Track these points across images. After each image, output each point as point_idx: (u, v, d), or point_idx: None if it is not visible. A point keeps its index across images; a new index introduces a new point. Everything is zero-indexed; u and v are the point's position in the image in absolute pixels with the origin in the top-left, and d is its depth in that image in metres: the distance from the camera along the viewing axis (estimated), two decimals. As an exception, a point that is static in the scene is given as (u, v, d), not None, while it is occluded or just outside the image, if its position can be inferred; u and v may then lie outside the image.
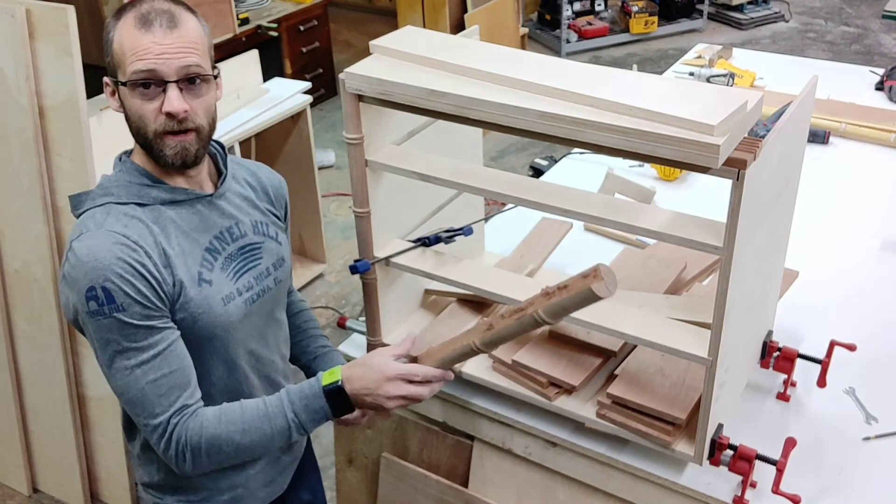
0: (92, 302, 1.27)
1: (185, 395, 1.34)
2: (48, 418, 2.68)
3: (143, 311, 1.29)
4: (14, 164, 2.41)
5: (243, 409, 1.37)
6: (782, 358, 1.69)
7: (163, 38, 1.29)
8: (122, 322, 1.28)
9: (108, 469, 2.72)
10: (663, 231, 1.37)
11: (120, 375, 1.31)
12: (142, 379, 1.31)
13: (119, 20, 1.31)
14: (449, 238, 1.75)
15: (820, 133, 2.64)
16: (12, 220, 2.49)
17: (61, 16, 2.24)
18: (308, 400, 1.37)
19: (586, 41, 6.26)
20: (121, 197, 1.35)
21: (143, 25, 1.28)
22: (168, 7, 1.32)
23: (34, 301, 2.53)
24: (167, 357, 1.32)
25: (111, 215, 1.32)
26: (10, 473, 2.84)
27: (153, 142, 1.33)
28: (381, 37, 1.60)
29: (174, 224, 1.37)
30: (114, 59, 1.32)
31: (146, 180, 1.37)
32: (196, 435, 1.33)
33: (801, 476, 1.53)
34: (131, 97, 1.31)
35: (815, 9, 6.84)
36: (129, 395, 1.32)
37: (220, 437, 1.34)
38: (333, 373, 1.40)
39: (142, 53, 1.28)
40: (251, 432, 1.35)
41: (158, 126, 1.31)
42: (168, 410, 1.32)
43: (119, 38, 1.30)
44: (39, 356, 2.60)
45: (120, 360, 1.30)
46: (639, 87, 1.36)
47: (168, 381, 1.32)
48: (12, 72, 2.31)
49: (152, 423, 1.33)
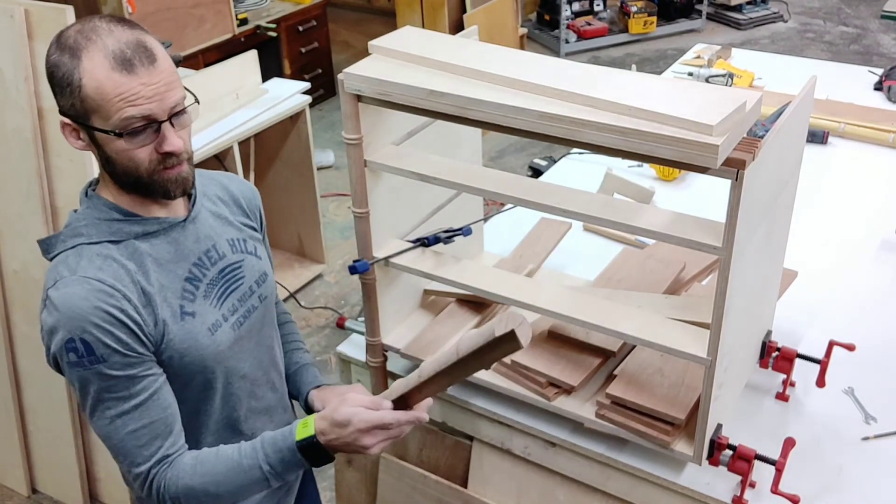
0: (71, 353, 1.23)
1: (166, 445, 1.31)
2: (47, 419, 2.68)
3: (124, 360, 1.25)
4: (13, 165, 2.41)
5: (217, 459, 1.33)
6: (781, 358, 1.69)
7: (149, 78, 1.20)
8: (103, 374, 1.25)
9: (107, 469, 2.72)
10: (662, 231, 1.37)
11: (101, 423, 1.29)
12: (122, 429, 1.28)
13: (80, 59, 1.19)
14: (448, 238, 1.75)
15: (819, 133, 2.64)
16: (11, 221, 2.49)
17: (60, 16, 2.24)
18: (283, 453, 1.32)
19: (585, 41, 6.26)
20: (91, 236, 1.29)
21: (123, 66, 1.19)
22: (135, 37, 1.22)
23: (33, 302, 2.53)
24: (148, 407, 1.29)
25: (84, 258, 1.27)
26: (9, 474, 2.84)
27: (149, 181, 1.27)
28: (380, 37, 1.60)
29: (150, 258, 1.31)
30: (85, 104, 1.21)
31: (116, 214, 1.31)
32: (173, 485, 1.31)
33: (800, 476, 1.53)
34: (121, 144, 1.23)
35: (813, 9, 6.85)
36: (110, 444, 1.30)
37: (196, 489, 1.31)
38: (307, 424, 1.33)
39: (133, 99, 1.20)
40: (225, 484, 1.32)
41: (152, 165, 1.26)
42: (149, 461, 1.30)
43: (94, 83, 1.19)
44: (38, 357, 2.59)
45: (101, 410, 1.27)
46: (638, 88, 1.36)
47: (149, 431, 1.29)
48: (11, 72, 2.31)
49: (134, 471, 1.31)
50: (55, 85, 1.23)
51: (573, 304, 1.56)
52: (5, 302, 2.59)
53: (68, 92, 1.21)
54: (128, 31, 1.22)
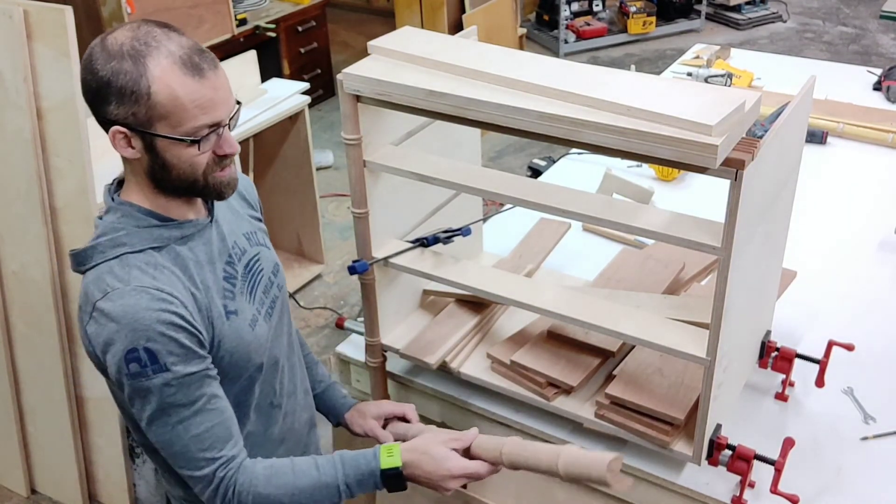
0: (133, 364, 1.22)
1: (227, 447, 1.31)
2: (46, 419, 2.68)
3: (186, 368, 1.24)
4: (12, 166, 2.41)
5: (295, 473, 1.34)
6: (780, 358, 1.70)
7: (216, 82, 1.21)
8: (166, 382, 1.23)
9: (107, 470, 2.72)
10: (661, 231, 1.37)
11: (161, 431, 1.27)
12: (184, 435, 1.27)
13: (146, 66, 1.17)
14: (447, 238, 1.75)
15: (818, 133, 2.64)
16: (10, 222, 2.49)
17: (59, 17, 2.24)
18: (363, 476, 1.35)
19: (584, 41, 6.26)
20: (134, 245, 1.27)
21: (194, 72, 1.18)
22: (192, 42, 1.22)
23: (32, 303, 2.53)
24: (210, 411, 1.28)
25: (133, 267, 1.25)
26: (9, 474, 2.83)
27: (205, 184, 1.27)
28: (379, 37, 1.60)
29: (192, 261, 1.31)
30: (154, 111, 1.18)
31: (154, 221, 1.29)
32: (245, 492, 1.31)
33: (799, 476, 1.53)
34: (184, 149, 1.22)
35: (812, 9, 6.85)
36: (170, 450, 1.29)
37: (270, 498, 1.32)
38: (392, 453, 1.36)
39: (206, 105, 1.20)
40: (300, 496, 1.33)
41: (209, 168, 1.26)
42: (212, 464, 1.29)
43: (167, 89, 1.17)
44: (37, 357, 2.59)
45: (162, 418, 1.26)
46: (637, 88, 1.36)
47: (211, 434, 1.29)
48: (10, 73, 2.31)
49: (196, 475, 1.30)
50: (112, 94, 1.19)
51: (572, 305, 1.56)
52: (4, 303, 2.59)
53: (132, 100, 1.18)
54: (182, 35, 1.22)
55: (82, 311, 1.27)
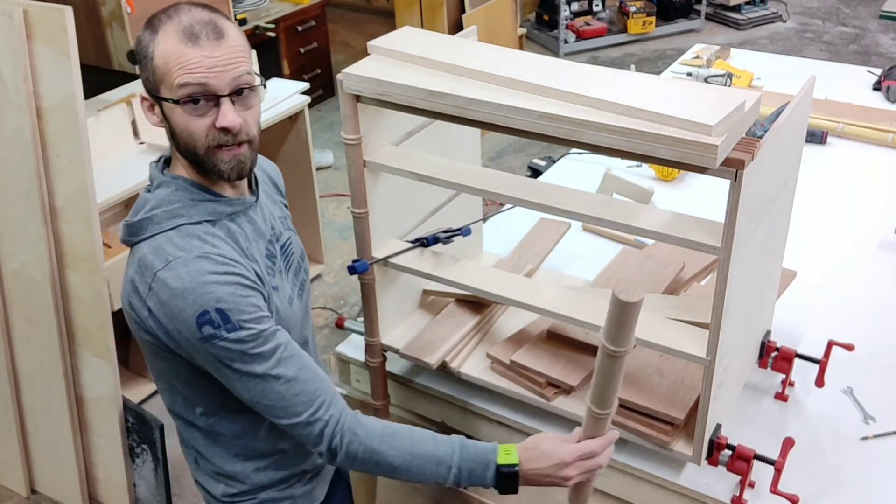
0: (206, 327, 1.23)
1: (321, 390, 1.32)
2: (46, 419, 2.68)
3: (258, 325, 1.27)
4: (12, 165, 2.41)
5: (412, 440, 1.36)
6: (780, 358, 1.70)
7: (212, 51, 1.24)
8: (241, 338, 1.25)
9: (107, 470, 2.72)
10: (661, 231, 1.37)
11: (252, 385, 1.29)
12: (275, 383, 1.28)
13: (157, 34, 1.25)
14: (447, 238, 1.75)
15: (818, 133, 2.64)
16: (10, 221, 2.49)
17: (59, 17, 2.24)
18: (477, 466, 1.35)
19: (584, 41, 6.26)
20: (192, 217, 1.30)
21: (189, 39, 1.24)
22: (209, 17, 1.27)
23: (32, 302, 2.53)
24: (292, 358, 1.30)
25: (193, 237, 1.28)
26: (8, 474, 2.83)
27: (205, 157, 1.29)
28: (379, 37, 1.60)
29: (241, 236, 1.35)
30: (155, 75, 1.26)
31: (208, 196, 1.33)
32: (357, 442, 1.32)
33: (799, 476, 1.53)
34: (180, 113, 1.26)
35: (812, 9, 6.85)
36: (266, 402, 1.30)
37: (380, 454, 1.33)
38: (510, 452, 1.36)
39: (191, 67, 1.23)
40: (411, 464, 1.34)
41: (210, 141, 1.28)
42: (311, 407, 1.30)
43: (163, 53, 1.25)
44: (37, 357, 2.59)
45: (247, 373, 1.27)
46: (637, 88, 1.36)
47: (301, 379, 1.30)
48: (10, 73, 2.31)
49: (297, 421, 1.31)
50: (137, 60, 1.29)
51: (572, 305, 1.56)
52: (4, 302, 2.59)
53: (144, 64, 1.27)
54: (206, 12, 1.28)
55: (137, 282, 1.28)
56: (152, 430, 2.56)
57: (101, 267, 2.45)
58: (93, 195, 2.39)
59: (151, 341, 1.32)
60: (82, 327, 2.54)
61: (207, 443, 1.46)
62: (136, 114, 3.19)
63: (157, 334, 1.29)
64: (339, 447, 1.32)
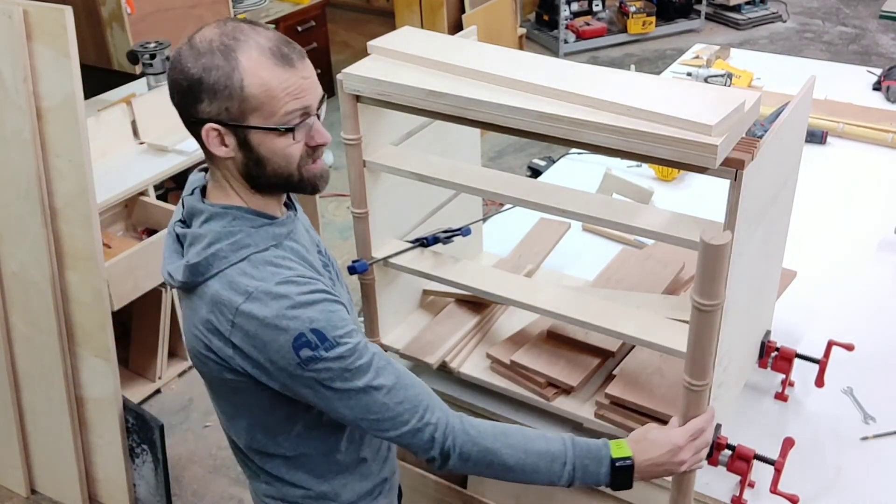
0: (304, 350, 1.19)
1: (424, 395, 1.29)
2: (46, 419, 2.68)
3: (351, 336, 1.23)
4: (12, 166, 2.41)
5: (526, 438, 1.33)
6: (780, 358, 1.70)
7: (304, 71, 1.20)
8: (340, 355, 1.21)
9: (106, 470, 2.72)
10: (661, 231, 1.37)
11: (354, 402, 1.24)
12: (377, 395, 1.24)
13: (238, 60, 1.16)
14: (447, 238, 1.75)
15: (817, 133, 2.64)
16: (10, 222, 2.49)
17: (59, 17, 2.24)
18: (591, 462, 1.32)
19: (584, 41, 6.26)
20: (258, 245, 1.24)
21: (283, 62, 1.18)
22: (278, 34, 1.22)
23: (32, 303, 2.53)
24: (387, 366, 1.27)
25: (266, 264, 1.23)
26: (8, 475, 2.83)
27: (299, 177, 1.25)
28: (378, 37, 1.60)
29: (305, 252, 1.31)
30: (246, 104, 1.18)
31: (264, 220, 1.27)
32: (470, 442, 1.29)
33: (799, 476, 1.53)
34: (277, 139, 1.20)
35: (812, 9, 6.85)
36: (371, 416, 1.26)
37: (494, 454, 1.30)
38: (621, 446, 1.33)
39: (296, 91, 1.19)
40: (526, 464, 1.31)
41: (302, 160, 1.24)
42: (416, 414, 1.27)
43: (258, 80, 1.17)
44: (37, 358, 2.59)
45: (348, 390, 1.23)
46: (636, 88, 1.36)
47: (401, 386, 1.26)
48: (10, 73, 2.31)
49: (405, 430, 1.27)
50: (204, 91, 1.18)
51: (572, 305, 1.56)
52: (4, 303, 2.59)
53: (225, 95, 1.17)
54: (268, 29, 1.23)
55: (216, 322, 1.22)
56: (152, 430, 2.56)
57: (100, 267, 2.45)
58: (93, 195, 2.39)
59: (236, 379, 1.26)
60: (82, 328, 2.54)
61: (292, 469, 1.40)
62: (136, 114, 3.19)
63: (245, 370, 1.24)
64: (453, 449, 1.29)
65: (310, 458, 1.39)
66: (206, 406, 3.16)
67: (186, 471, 2.91)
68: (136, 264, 2.80)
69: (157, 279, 2.92)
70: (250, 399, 1.31)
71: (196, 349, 1.28)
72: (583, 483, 1.34)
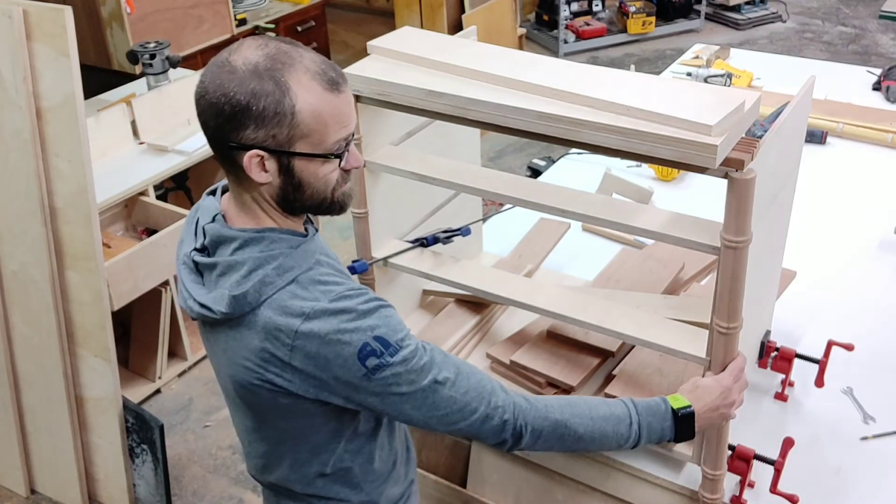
0: (370, 359, 1.18)
1: (485, 380, 1.28)
2: (46, 419, 2.68)
3: (410, 338, 1.23)
4: (11, 166, 2.41)
5: (589, 405, 1.34)
6: (780, 358, 1.70)
7: (348, 95, 1.19)
8: (405, 358, 1.20)
9: (106, 470, 2.72)
10: (661, 231, 1.37)
11: (421, 402, 1.23)
12: (443, 389, 1.23)
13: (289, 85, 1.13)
14: (447, 238, 1.75)
15: (817, 133, 2.64)
16: (10, 222, 2.49)
17: (59, 17, 2.24)
18: (654, 418, 1.35)
19: (584, 41, 6.26)
20: (302, 266, 1.23)
21: (332, 87, 1.16)
22: (320, 56, 1.19)
23: (31, 303, 2.53)
24: (446, 359, 1.26)
25: (315, 283, 1.21)
26: (8, 475, 2.83)
27: (332, 200, 1.24)
28: (378, 37, 1.60)
29: (337, 264, 1.32)
30: (296, 130, 1.14)
31: (299, 240, 1.25)
32: (539, 418, 1.29)
33: (798, 476, 1.53)
34: (322, 166, 1.19)
35: (812, 9, 6.85)
36: (440, 413, 1.25)
37: (564, 426, 1.31)
38: (678, 398, 1.37)
39: (346, 120, 1.18)
40: (595, 430, 1.32)
41: (337, 183, 1.23)
42: (483, 399, 1.26)
43: (310, 107, 1.14)
44: (37, 358, 2.59)
45: (416, 391, 1.22)
46: (636, 88, 1.36)
47: (462, 376, 1.26)
48: (10, 73, 2.31)
49: (474, 418, 1.26)
50: (251, 117, 1.13)
51: (572, 304, 1.56)
52: (4, 303, 2.59)
53: (275, 122, 1.13)
54: (307, 49, 1.19)
55: (273, 349, 1.19)
56: (152, 430, 2.56)
57: (100, 267, 2.45)
58: (92, 195, 2.39)
59: (290, 403, 1.24)
60: (82, 327, 2.54)
61: (329, 483, 1.38)
62: (135, 114, 3.19)
63: (302, 393, 1.22)
64: (525, 428, 1.29)
65: (349, 470, 1.38)
66: (206, 406, 3.16)
67: (186, 471, 2.91)
68: (136, 264, 2.80)
69: (157, 279, 2.93)
70: (300, 421, 1.29)
71: (245, 381, 1.24)
72: (648, 441, 1.36)
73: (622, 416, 1.34)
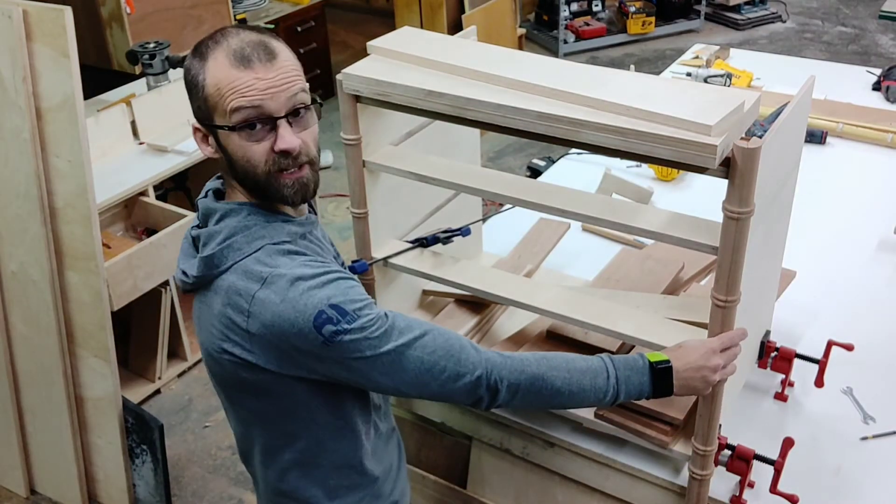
0: (326, 326, 1.18)
1: (452, 337, 1.27)
2: (45, 420, 2.68)
3: (370, 308, 1.22)
4: (11, 166, 2.41)
5: (566, 359, 1.33)
6: (780, 358, 1.70)
7: (265, 73, 1.20)
8: (363, 325, 1.20)
9: (106, 470, 2.72)
10: (661, 231, 1.37)
11: (387, 367, 1.23)
12: (410, 351, 1.23)
13: (206, 60, 1.21)
14: (447, 239, 1.75)
15: (817, 133, 2.64)
16: (9, 222, 2.49)
17: (58, 17, 2.24)
18: (632, 372, 1.34)
19: (584, 41, 6.26)
20: (273, 237, 1.26)
21: (240, 62, 1.19)
22: (259, 38, 1.22)
23: (31, 303, 2.53)
24: (411, 324, 1.25)
25: (280, 255, 1.24)
26: (8, 475, 2.83)
27: (266, 183, 1.25)
28: (378, 37, 1.60)
29: (320, 251, 1.32)
30: (207, 103, 1.22)
31: (279, 217, 1.28)
32: (516, 372, 1.28)
33: (798, 476, 1.53)
34: (237, 140, 1.22)
35: (812, 9, 6.85)
36: (409, 377, 1.24)
37: (542, 380, 1.30)
38: (657, 355, 1.36)
39: (244, 90, 1.19)
40: (572, 383, 1.31)
41: (271, 166, 1.23)
42: (452, 356, 1.25)
43: (214, 80, 1.20)
44: (36, 358, 2.59)
45: (379, 355, 1.22)
46: (636, 88, 1.36)
47: (431, 339, 1.25)
48: (9, 73, 2.31)
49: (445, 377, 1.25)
50: (188, 91, 1.25)
51: (572, 305, 1.56)
52: (3, 303, 2.59)
53: (195, 94, 1.23)
54: (254, 33, 1.23)
55: (231, 314, 1.22)
56: (152, 430, 2.56)
57: (100, 267, 2.45)
58: (92, 196, 2.39)
59: (254, 379, 1.25)
60: (82, 328, 2.54)
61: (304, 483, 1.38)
62: (135, 114, 3.19)
63: (263, 365, 1.23)
64: (500, 382, 1.28)
65: (322, 469, 1.37)
66: (205, 406, 3.16)
67: (186, 471, 2.91)
68: (136, 264, 2.80)
69: (156, 279, 2.92)
70: (267, 403, 1.29)
71: (211, 349, 1.26)
72: (627, 397, 1.35)
73: (599, 369, 1.34)
